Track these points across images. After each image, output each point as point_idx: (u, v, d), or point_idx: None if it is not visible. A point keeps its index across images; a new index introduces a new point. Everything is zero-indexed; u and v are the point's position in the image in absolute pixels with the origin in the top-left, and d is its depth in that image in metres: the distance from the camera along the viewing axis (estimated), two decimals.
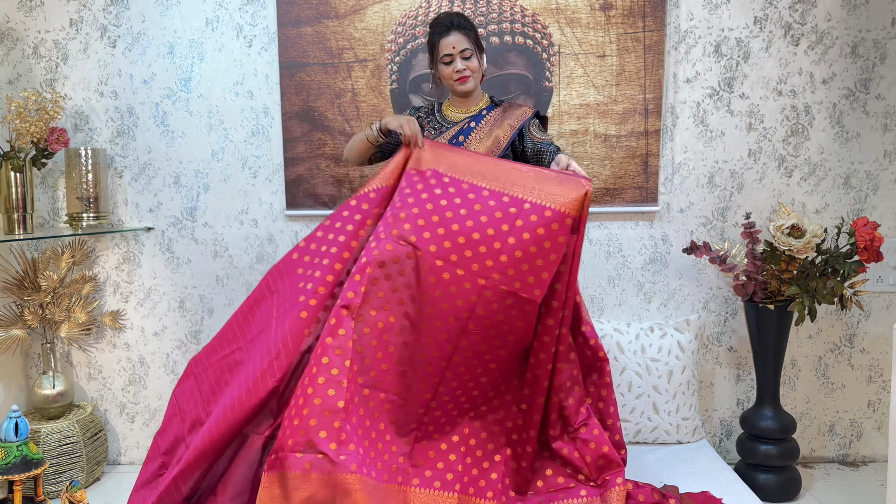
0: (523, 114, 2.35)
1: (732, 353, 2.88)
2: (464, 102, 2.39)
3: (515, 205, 2.02)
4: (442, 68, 2.31)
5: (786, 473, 2.58)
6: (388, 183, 2.17)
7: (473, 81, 2.32)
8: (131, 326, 2.89)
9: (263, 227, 2.85)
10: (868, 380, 2.89)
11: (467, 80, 2.30)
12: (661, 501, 2.11)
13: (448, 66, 2.29)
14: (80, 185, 2.69)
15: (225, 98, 2.79)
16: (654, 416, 2.64)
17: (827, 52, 2.74)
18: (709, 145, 2.79)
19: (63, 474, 2.62)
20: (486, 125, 2.35)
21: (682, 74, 2.76)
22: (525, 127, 2.34)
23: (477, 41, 2.31)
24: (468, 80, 2.30)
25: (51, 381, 2.71)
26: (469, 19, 2.32)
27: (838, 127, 2.78)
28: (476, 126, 2.35)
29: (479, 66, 2.32)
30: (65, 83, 2.79)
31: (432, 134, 2.38)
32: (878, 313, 2.85)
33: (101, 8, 2.77)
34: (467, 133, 2.34)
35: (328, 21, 2.74)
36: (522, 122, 2.34)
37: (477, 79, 2.33)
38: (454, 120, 2.39)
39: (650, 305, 2.86)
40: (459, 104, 2.40)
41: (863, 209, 2.81)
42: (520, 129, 2.33)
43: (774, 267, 2.54)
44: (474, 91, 2.36)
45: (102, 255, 2.86)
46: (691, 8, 2.73)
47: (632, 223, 2.83)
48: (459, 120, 2.38)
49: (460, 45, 2.26)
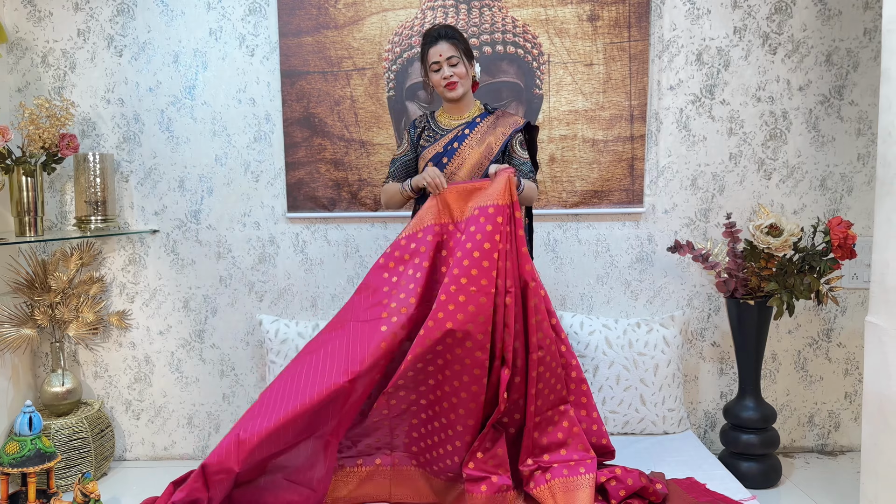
0: (515, 122, 2.47)
1: (715, 347, 3.01)
2: (457, 109, 2.49)
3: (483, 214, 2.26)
4: (432, 76, 2.44)
5: (767, 461, 2.70)
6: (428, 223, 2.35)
7: (462, 88, 2.42)
8: (137, 326, 2.99)
9: (265, 230, 2.96)
10: (845, 372, 3.03)
11: (455, 87, 2.41)
12: (649, 485, 2.22)
13: (437, 73, 2.41)
14: (89, 189, 2.79)
15: (228, 105, 2.90)
16: (641, 408, 2.76)
17: (803, 61, 2.88)
18: (692, 149, 2.92)
19: (72, 469, 2.70)
20: (479, 132, 2.45)
21: (666, 82, 2.90)
22: (510, 141, 2.45)
23: (466, 50, 2.42)
24: (456, 86, 2.41)
25: (60, 379, 2.80)
26: (458, 31, 2.44)
27: (814, 132, 2.92)
28: (470, 133, 2.45)
29: (468, 72, 2.42)
30: (73, 91, 2.89)
31: (430, 141, 2.49)
32: (854, 309, 2.99)
33: (107, 18, 2.87)
34: (461, 140, 2.45)
35: (328, 31, 2.86)
36: (514, 128, 2.45)
37: (465, 85, 2.43)
38: (448, 127, 2.49)
39: (637, 302, 2.99)
40: (453, 111, 2.50)
41: (838, 209, 2.95)
42: (511, 136, 2.44)
43: (754, 264, 2.66)
44: (464, 98, 2.47)
45: (109, 257, 2.96)
46: (674, 18, 2.87)
47: (619, 224, 2.96)
48: (454, 127, 2.48)
49: (447, 53, 2.38)
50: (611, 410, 2.76)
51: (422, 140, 2.52)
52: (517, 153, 2.46)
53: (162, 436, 3.03)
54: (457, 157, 2.43)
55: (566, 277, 2.97)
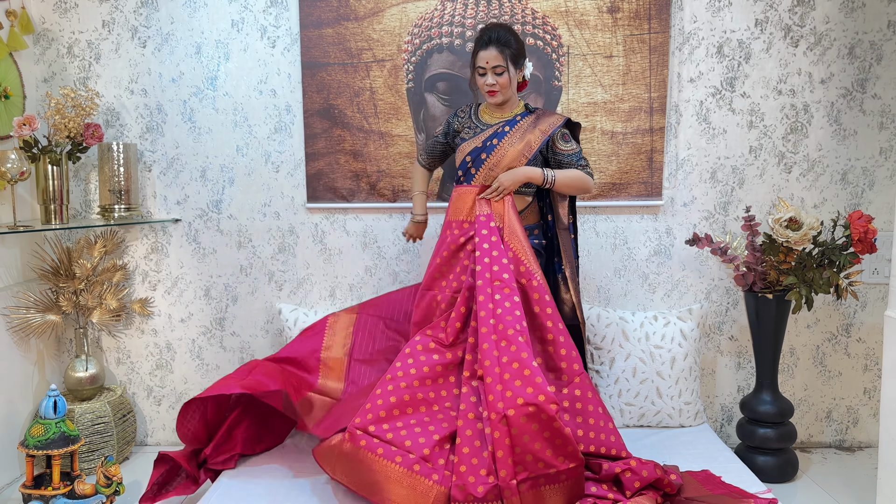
0: (555, 121, 2.48)
1: (733, 341, 3.00)
2: (499, 108, 2.53)
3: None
4: (477, 78, 2.47)
5: (783, 456, 2.70)
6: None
7: (502, 96, 2.45)
8: (159, 313, 3.04)
9: (285, 220, 2.99)
10: (864, 368, 3.01)
11: (495, 95, 2.45)
12: (664, 477, 2.22)
13: (482, 77, 2.44)
14: (112, 178, 2.83)
15: (249, 96, 2.93)
16: (657, 401, 2.76)
17: (825, 53, 2.86)
18: (711, 142, 2.91)
19: (95, 452, 2.76)
20: (519, 130, 2.47)
21: (686, 74, 2.88)
22: (553, 137, 2.46)
23: (515, 56, 2.41)
24: (496, 94, 2.45)
25: (83, 364, 2.85)
26: (512, 33, 2.42)
27: (836, 125, 2.89)
28: (510, 130, 2.47)
29: (511, 81, 2.43)
30: (97, 81, 2.94)
31: (470, 134, 2.53)
32: (874, 304, 2.97)
33: (132, 10, 2.91)
34: (501, 136, 2.47)
35: (348, 23, 2.88)
36: (554, 128, 2.46)
37: (506, 94, 2.46)
38: (489, 123, 2.53)
39: (654, 295, 2.99)
40: (495, 109, 2.54)
41: (859, 204, 2.92)
42: (551, 135, 2.45)
43: (773, 258, 2.65)
44: (507, 101, 2.50)
45: (132, 245, 3.00)
46: (695, 11, 2.85)
47: (637, 216, 2.95)
48: (494, 123, 2.52)
49: (493, 62, 2.39)
50: (627, 403, 2.76)
51: (462, 133, 2.56)
52: (560, 148, 2.47)
53: None
54: (495, 154, 2.45)
55: (583, 269, 2.97)
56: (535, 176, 2.41)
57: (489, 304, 2.27)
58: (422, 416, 2.24)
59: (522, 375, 2.13)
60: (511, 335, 2.21)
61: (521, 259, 2.37)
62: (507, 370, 2.16)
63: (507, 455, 2.07)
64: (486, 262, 2.33)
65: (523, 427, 2.07)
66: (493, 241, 2.36)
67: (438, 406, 2.28)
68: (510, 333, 2.21)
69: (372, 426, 2.18)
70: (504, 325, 2.23)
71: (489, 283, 2.30)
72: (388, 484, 2.10)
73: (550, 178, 2.41)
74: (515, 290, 2.30)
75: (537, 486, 2.08)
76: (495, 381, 2.15)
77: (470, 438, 2.14)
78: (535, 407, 2.07)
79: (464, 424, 2.18)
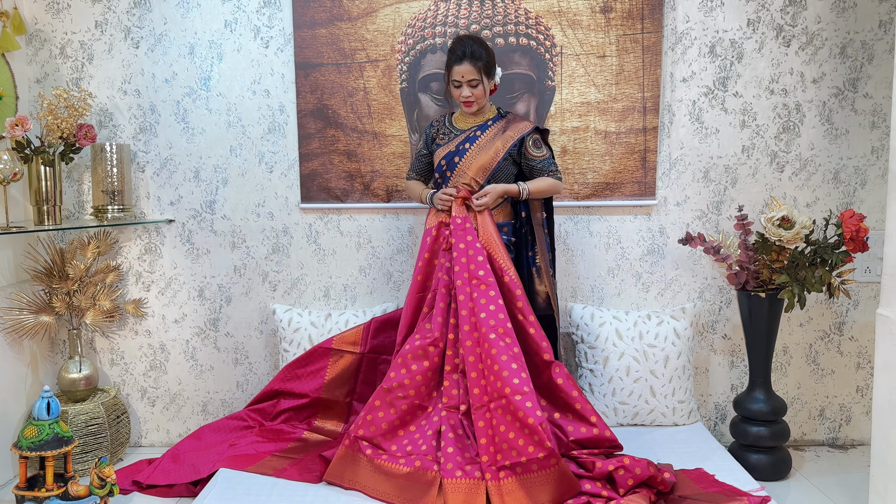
0: (523, 127, 2.62)
1: (726, 340, 3.01)
2: (473, 114, 2.65)
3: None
4: (452, 89, 2.59)
5: (777, 454, 2.71)
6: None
7: (477, 105, 2.60)
8: (152, 314, 3.03)
9: (279, 220, 2.99)
10: (857, 366, 3.02)
11: (471, 106, 2.60)
12: (657, 474, 2.23)
13: (457, 89, 2.56)
14: (106, 178, 2.82)
15: (243, 96, 2.93)
16: (651, 399, 2.77)
17: (817, 53, 2.87)
18: (704, 142, 2.92)
19: (89, 454, 2.75)
20: (489, 134, 2.62)
21: (679, 74, 2.89)
22: (524, 142, 2.60)
23: (487, 68, 2.54)
24: (472, 105, 2.59)
25: (77, 366, 2.84)
26: (483, 45, 2.55)
27: (828, 124, 2.91)
28: (481, 135, 2.62)
29: (485, 92, 2.57)
30: (90, 82, 2.93)
31: (445, 140, 2.65)
32: (867, 303, 2.98)
33: (124, 10, 2.90)
34: (472, 140, 2.62)
35: (341, 23, 2.88)
36: (521, 134, 2.60)
37: (481, 103, 2.60)
38: (463, 128, 2.66)
39: (648, 294, 3.00)
40: (468, 114, 2.66)
41: (851, 203, 2.94)
42: (520, 140, 2.59)
43: (766, 257, 2.66)
44: (481, 108, 2.64)
45: (126, 246, 3.00)
46: (687, 10, 2.86)
47: (630, 216, 2.96)
48: (468, 128, 2.65)
49: (469, 76, 2.52)
50: (620, 402, 2.77)
51: (437, 139, 2.69)
52: (531, 153, 2.61)
53: (177, 423, 3.08)
54: (467, 157, 2.60)
55: (577, 269, 2.98)
56: (511, 190, 2.58)
57: (469, 304, 2.45)
58: (419, 421, 2.46)
59: (497, 372, 2.33)
60: (489, 334, 2.38)
61: (495, 256, 2.53)
62: (486, 366, 2.37)
63: (489, 443, 2.29)
64: (463, 261, 2.49)
65: (500, 418, 2.29)
66: (469, 240, 2.52)
67: (431, 407, 2.48)
68: (489, 334, 2.38)
69: (377, 438, 2.42)
70: (485, 326, 2.39)
71: (468, 283, 2.47)
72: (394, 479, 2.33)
73: (525, 192, 2.58)
74: (493, 285, 2.46)
75: (514, 474, 2.24)
76: (479, 377, 2.38)
77: (454, 428, 2.38)
78: (506, 399, 2.29)
79: (447, 416, 2.40)
